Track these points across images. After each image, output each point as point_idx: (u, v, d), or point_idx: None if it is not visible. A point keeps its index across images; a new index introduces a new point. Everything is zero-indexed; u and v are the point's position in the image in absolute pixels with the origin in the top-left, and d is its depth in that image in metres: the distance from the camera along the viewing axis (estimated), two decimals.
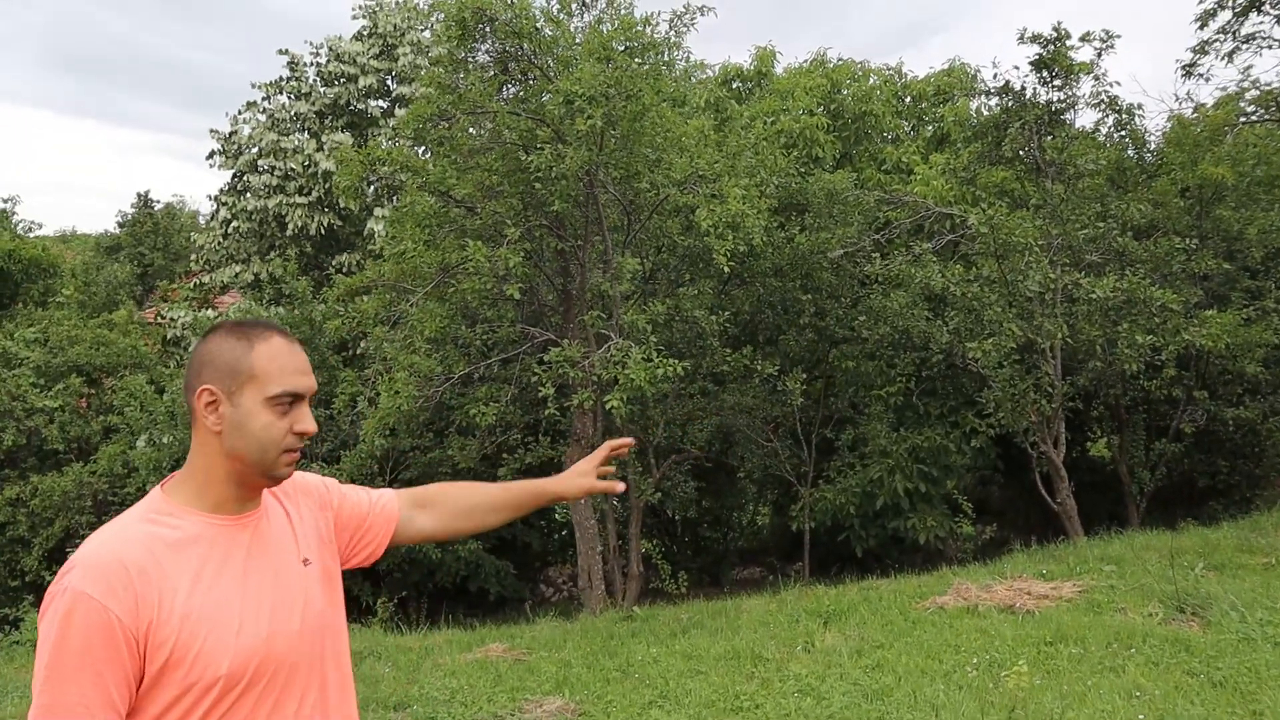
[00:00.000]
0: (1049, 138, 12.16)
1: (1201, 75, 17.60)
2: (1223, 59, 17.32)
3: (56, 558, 15.01)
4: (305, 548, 1.94)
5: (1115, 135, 13.91)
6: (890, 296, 12.83)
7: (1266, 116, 17.09)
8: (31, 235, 31.23)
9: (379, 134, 18.79)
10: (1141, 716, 5.27)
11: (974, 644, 7.06)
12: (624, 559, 12.43)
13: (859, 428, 13.83)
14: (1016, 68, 13.53)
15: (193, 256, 22.12)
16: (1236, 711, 5.26)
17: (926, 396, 13.91)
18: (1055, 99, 12.29)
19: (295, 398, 1.80)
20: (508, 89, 11.17)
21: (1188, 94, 27.10)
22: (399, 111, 16.53)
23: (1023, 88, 12.37)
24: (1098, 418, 15.35)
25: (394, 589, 13.84)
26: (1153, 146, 15.11)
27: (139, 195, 41.40)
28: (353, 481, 12.64)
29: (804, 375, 13.17)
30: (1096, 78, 12.31)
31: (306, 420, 1.82)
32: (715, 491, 16.02)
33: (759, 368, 12.38)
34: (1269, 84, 17.18)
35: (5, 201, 29.87)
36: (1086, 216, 12.11)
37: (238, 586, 1.76)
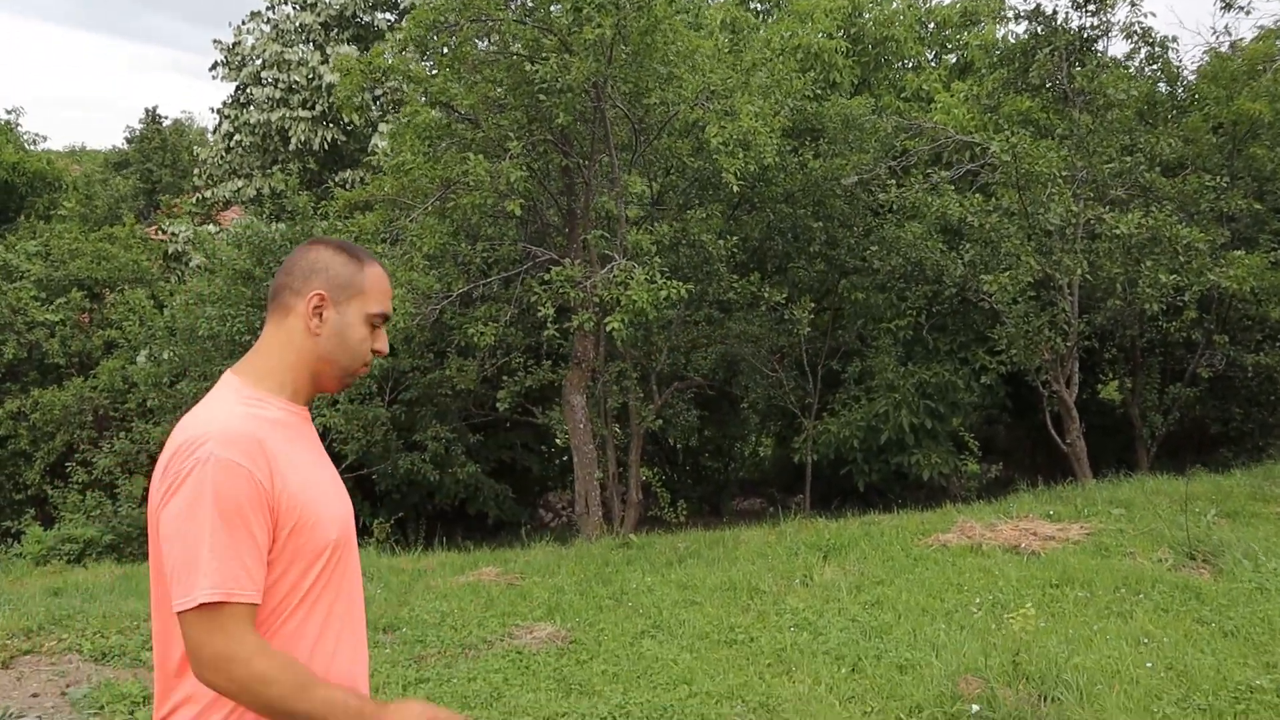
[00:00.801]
0: (1079, 66, 11.67)
1: (1241, 8, 16.91)
2: None
3: (58, 472, 14.95)
4: None
5: (1147, 68, 13.40)
6: (904, 227, 12.48)
7: None
8: (37, 148, 30.83)
9: (384, 47, 18.27)
10: (1149, 664, 5.08)
11: (977, 583, 6.87)
12: (623, 486, 12.27)
13: (866, 360, 13.57)
14: None
15: (195, 171, 21.72)
16: (1249, 662, 5.07)
17: (936, 331, 13.62)
18: (1088, 25, 11.77)
19: (385, 319, 2.01)
20: (514, 0, 10.72)
21: (1225, 28, 26.23)
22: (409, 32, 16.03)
23: (1054, 11, 11.84)
24: (1110, 359, 15.05)
25: (392, 509, 13.74)
26: (1186, 82, 14.56)
27: (147, 111, 40.73)
28: (350, 401, 12.48)
29: (812, 305, 12.86)
30: (1133, 4, 11.79)
31: (384, 341, 2.02)
32: (717, 421, 15.83)
33: (766, 295, 12.07)
34: None
35: (9, 113, 29.42)
36: (1114, 149, 11.68)
37: (319, 466, 1.93)
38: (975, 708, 4.54)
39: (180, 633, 1.70)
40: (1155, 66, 13.34)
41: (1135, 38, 12.28)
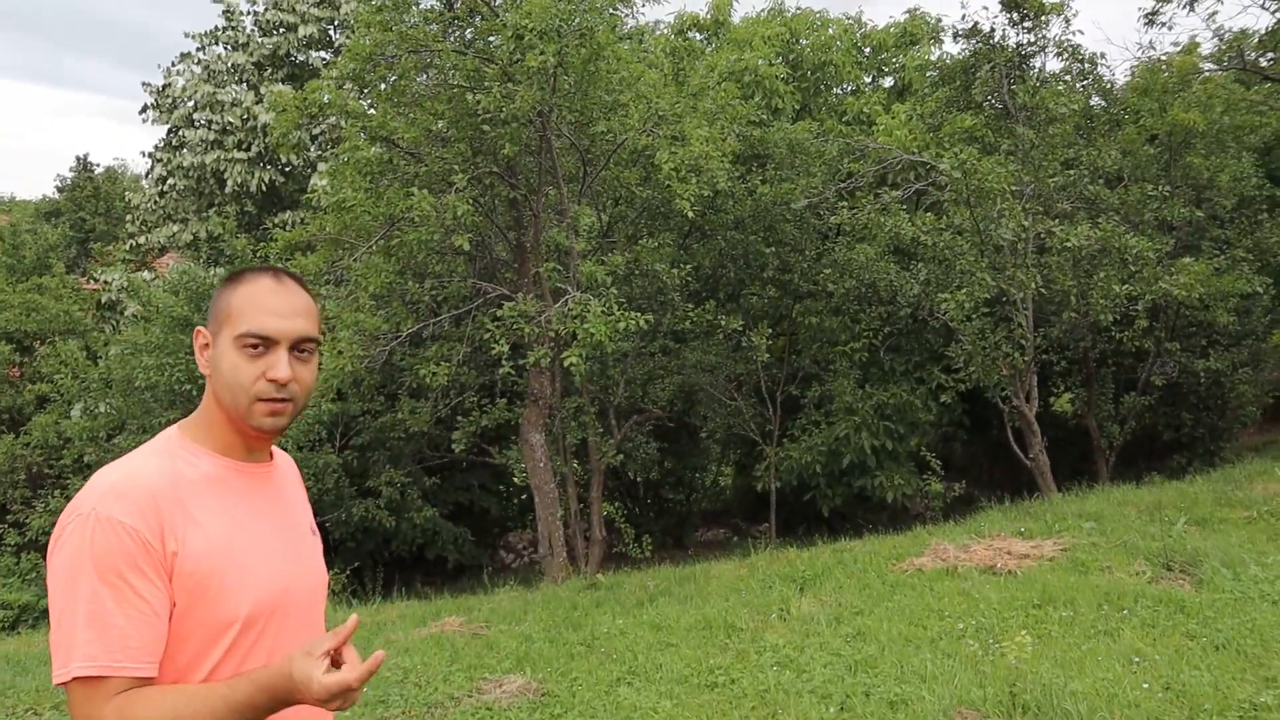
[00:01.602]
0: (1019, 82, 11.74)
1: (1164, 24, 17.24)
2: (1184, 6, 16.96)
3: None
4: (311, 520, 1.93)
5: (1079, 84, 13.55)
6: (855, 249, 12.45)
7: (1229, 65, 16.82)
8: None
9: (321, 83, 17.97)
10: (1146, 685, 4.92)
11: (958, 608, 6.69)
12: (585, 523, 11.98)
13: (824, 385, 13.48)
14: (985, 8, 13.05)
15: (129, 217, 21.14)
16: (1247, 677, 4.93)
17: (892, 352, 13.59)
18: (1025, 41, 11.87)
19: (264, 340, 1.68)
20: (453, 33, 10.51)
21: (1150, 43, 26.81)
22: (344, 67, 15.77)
23: (992, 29, 11.94)
24: (1062, 371, 15.12)
25: (348, 559, 13.30)
26: (1118, 95, 14.78)
27: (78, 159, 39.90)
28: (299, 449, 12.07)
29: (769, 331, 12.76)
30: (1067, 20, 11.91)
31: (279, 366, 1.68)
32: (677, 452, 15.62)
33: (723, 323, 11.92)
34: (1231, 30, 16.86)
35: None
36: (1057, 163, 11.75)
37: (253, 532, 1.71)
38: None
39: None
40: (1086, 82, 13.50)
41: (1066, 55, 12.42)
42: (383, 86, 10.79)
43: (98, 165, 40.15)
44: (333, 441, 13.07)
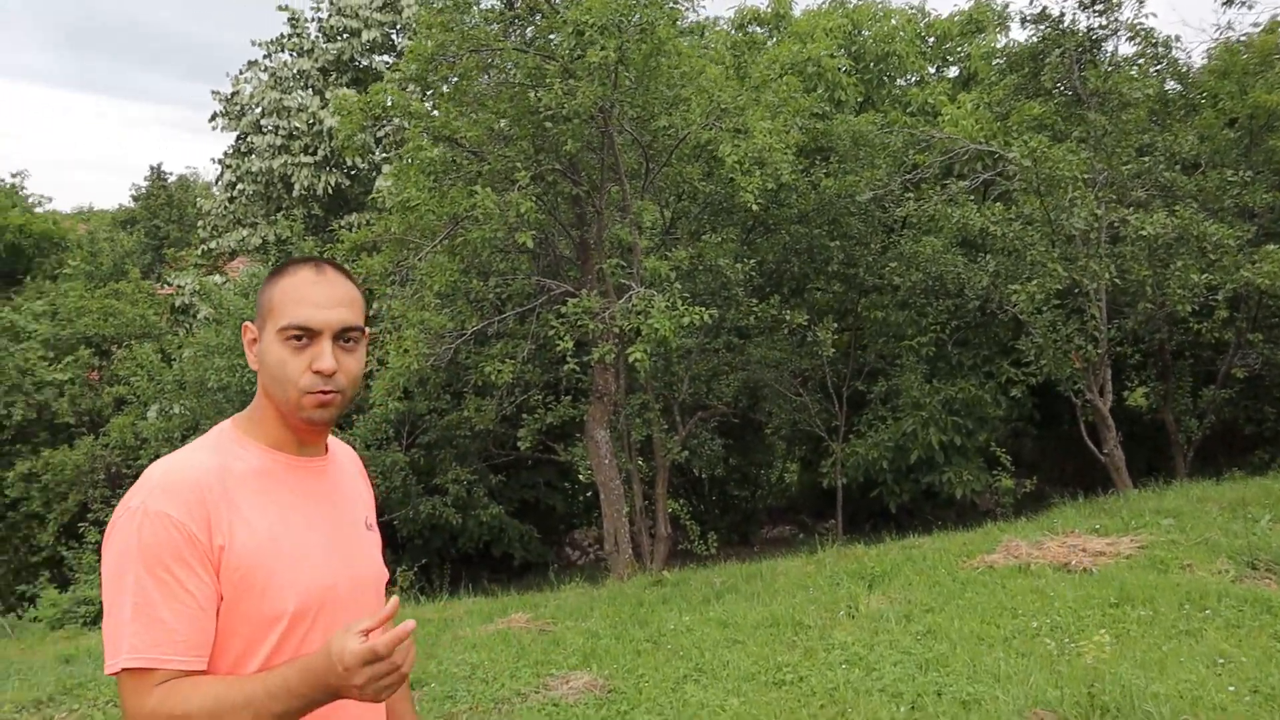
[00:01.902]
0: (1090, 67, 11.44)
1: (1244, 3, 16.68)
2: None
3: (72, 532, 14.71)
4: (370, 514, 1.91)
5: (1152, 68, 13.16)
6: (922, 242, 12.25)
7: None
8: (41, 209, 30.93)
9: (384, 86, 18.20)
10: (1232, 688, 4.74)
11: (1032, 606, 6.54)
12: (651, 520, 11.96)
13: (890, 380, 13.29)
14: None
15: (200, 223, 21.63)
16: None
17: (960, 347, 13.35)
18: (1096, 25, 11.57)
19: (307, 332, 1.67)
20: (513, 31, 10.56)
21: (1228, 23, 25.97)
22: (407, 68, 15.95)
23: (1061, 14, 11.66)
24: (1137, 365, 14.73)
25: (415, 556, 13.45)
26: (1193, 79, 14.32)
27: (151, 168, 41.02)
28: (366, 447, 12.22)
29: (834, 326, 12.61)
30: (1140, 1, 11.59)
31: (323, 357, 1.67)
32: (742, 448, 15.52)
33: (787, 318, 11.80)
34: None
35: (14, 176, 29.52)
36: (1131, 150, 11.43)
37: (304, 526, 1.70)
38: None
39: None
40: (1161, 65, 13.11)
41: (1139, 39, 12.07)
42: (445, 88, 10.88)
43: (171, 174, 41.21)
44: (400, 440, 13.21)
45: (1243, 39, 14.70)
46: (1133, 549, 7.73)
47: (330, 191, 18.88)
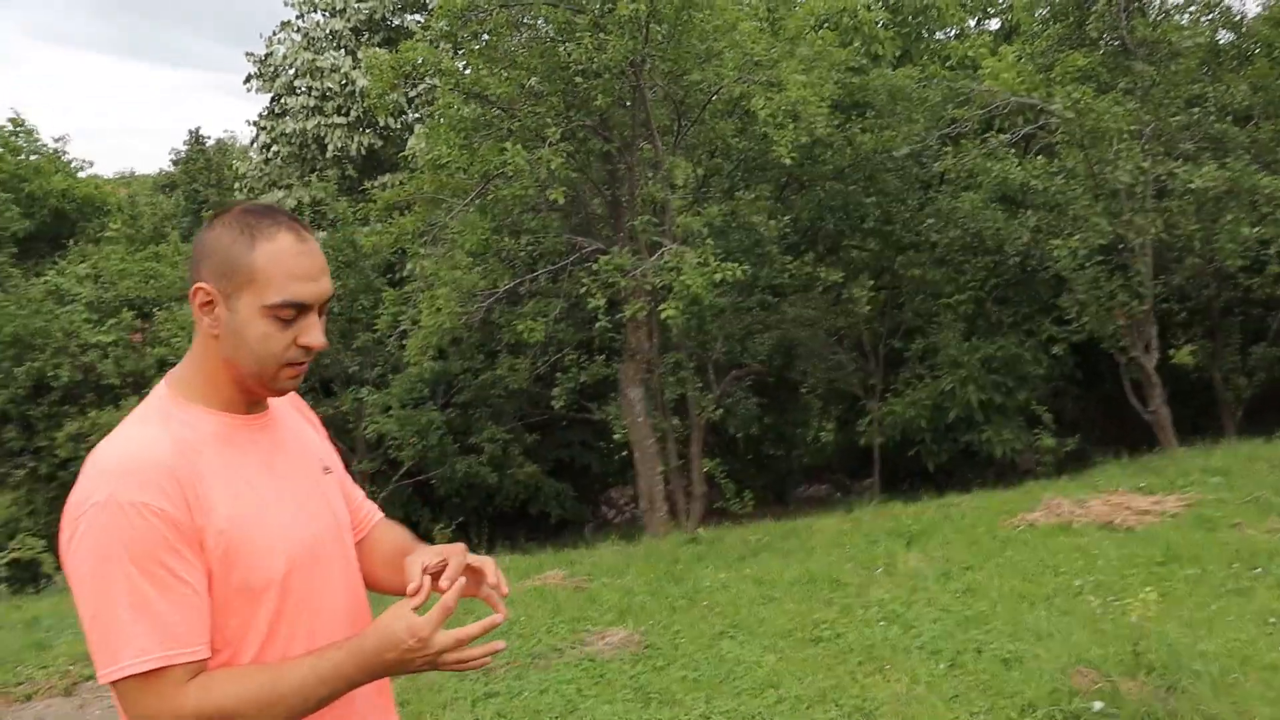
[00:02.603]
0: (1138, 15, 11.10)
1: None
2: None
3: None
4: (326, 457, 1.77)
5: (1204, 17, 12.76)
6: (960, 197, 12.03)
7: None
8: (84, 174, 31.21)
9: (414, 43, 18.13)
10: None
11: (1074, 565, 6.44)
12: (686, 479, 11.93)
13: (928, 338, 13.11)
14: None
15: (237, 185, 21.74)
16: None
17: (999, 304, 13.13)
18: None
19: (300, 308, 1.54)
20: None
21: None
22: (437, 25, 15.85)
23: None
24: (1183, 323, 14.44)
25: (453, 514, 13.54)
26: (1246, 28, 13.87)
27: (190, 132, 41.21)
28: (403, 407, 12.27)
29: (870, 284, 12.44)
30: None
31: (313, 333, 1.56)
32: (778, 407, 15.42)
33: (822, 276, 11.65)
34: None
35: (56, 141, 29.77)
36: (1180, 101, 11.10)
37: (271, 486, 1.58)
38: (1098, 705, 4.13)
39: None
40: (1213, 14, 12.71)
41: None
42: (475, 45, 10.77)
43: (209, 138, 41.43)
44: (436, 399, 13.26)
45: None
46: (1179, 507, 7.60)
47: (363, 152, 18.89)
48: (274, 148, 19.42)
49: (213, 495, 1.48)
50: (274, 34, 19.96)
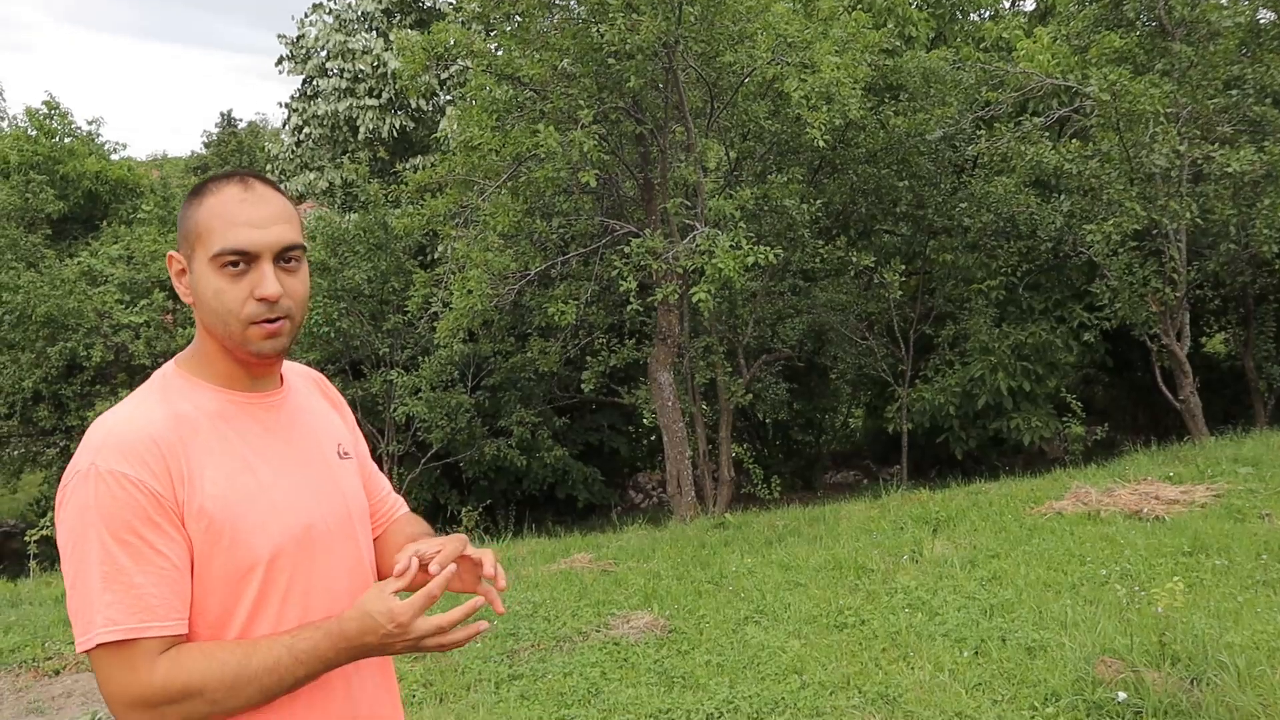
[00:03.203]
0: None
1: None
2: None
3: None
4: (345, 441, 1.75)
5: None
6: (993, 182, 11.91)
7: None
8: (117, 156, 31.49)
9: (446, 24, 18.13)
10: None
11: (1101, 554, 6.41)
12: (714, 464, 11.96)
13: (959, 324, 13.02)
14: None
15: (269, 167, 21.88)
16: None
17: (1030, 290, 13.02)
18: None
19: (244, 255, 1.50)
20: None
21: None
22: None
23: None
24: (1216, 310, 14.26)
25: (480, 497, 13.63)
26: None
27: (222, 115, 41.64)
28: (432, 389, 12.35)
29: (901, 268, 12.37)
30: None
31: (265, 283, 1.50)
32: (807, 393, 15.42)
33: (854, 260, 11.60)
34: None
35: (90, 124, 30.02)
36: (1218, 83, 10.92)
37: (268, 468, 1.56)
38: (1122, 695, 4.13)
39: None
40: None
41: None
42: (508, 26, 10.77)
43: (241, 120, 41.80)
44: (465, 382, 13.34)
45: None
46: (1208, 497, 7.54)
47: (395, 134, 18.94)
48: (305, 130, 19.51)
49: (203, 472, 1.47)
50: (306, 16, 20.02)
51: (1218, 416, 12.97)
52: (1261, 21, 12.89)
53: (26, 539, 11.92)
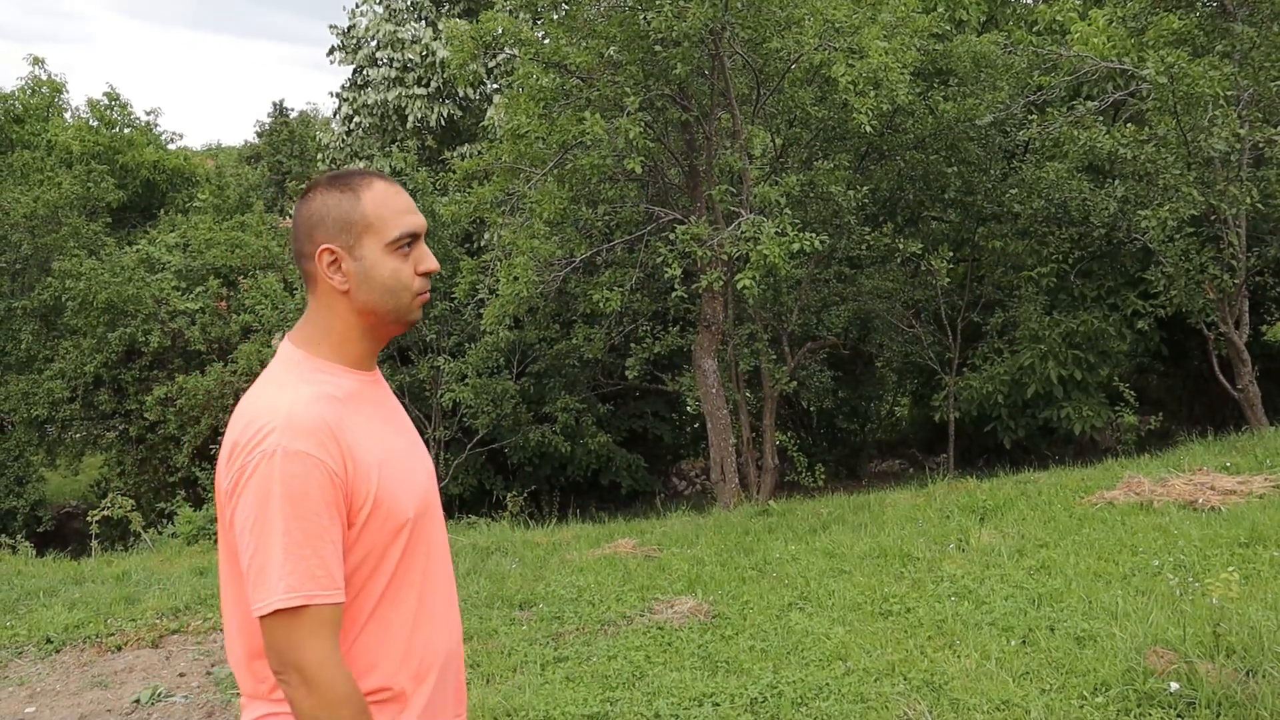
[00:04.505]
0: None
1: None
2: None
3: (205, 454, 15.45)
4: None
5: None
6: (1045, 167, 11.72)
7: None
8: (173, 146, 32.04)
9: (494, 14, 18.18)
10: None
11: (1153, 545, 6.30)
12: (758, 451, 11.92)
13: (1008, 311, 12.85)
14: None
15: (319, 156, 22.12)
16: None
17: (1083, 277, 12.80)
18: None
19: (413, 238, 1.75)
20: None
21: None
22: None
23: None
24: (1275, 298, 13.91)
25: (525, 482, 13.71)
26: None
27: (274, 104, 42.13)
28: (478, 375, 12.44)
29: (949, 255, 12.22)
30: None
31: (428, 258, 1.78)
32: (852, 381, 15.31)
33: (901, 247, 11.48)
34: None
35: (148, 115, 30.58)
36: None
37: (395, 434, 1.79)
38: (1174, 685, 4.06)
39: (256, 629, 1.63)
40: None
41: None
42: (555, 15, 10.79)
43: (293, 110, 42.24)
44: (510, 368, 13.42)
45: None
46: (1266, 488, 7.38)
47: (443, 122, 19.06)
48: (355, 119, 19.70)
49: (359, 447, 1.65)
50: (357, 6, 20.19)
51: (1278, 406, 12.67)
52: None
53: (89, 519, 12.21)
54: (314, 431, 1.60)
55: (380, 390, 1.83)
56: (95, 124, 25.29)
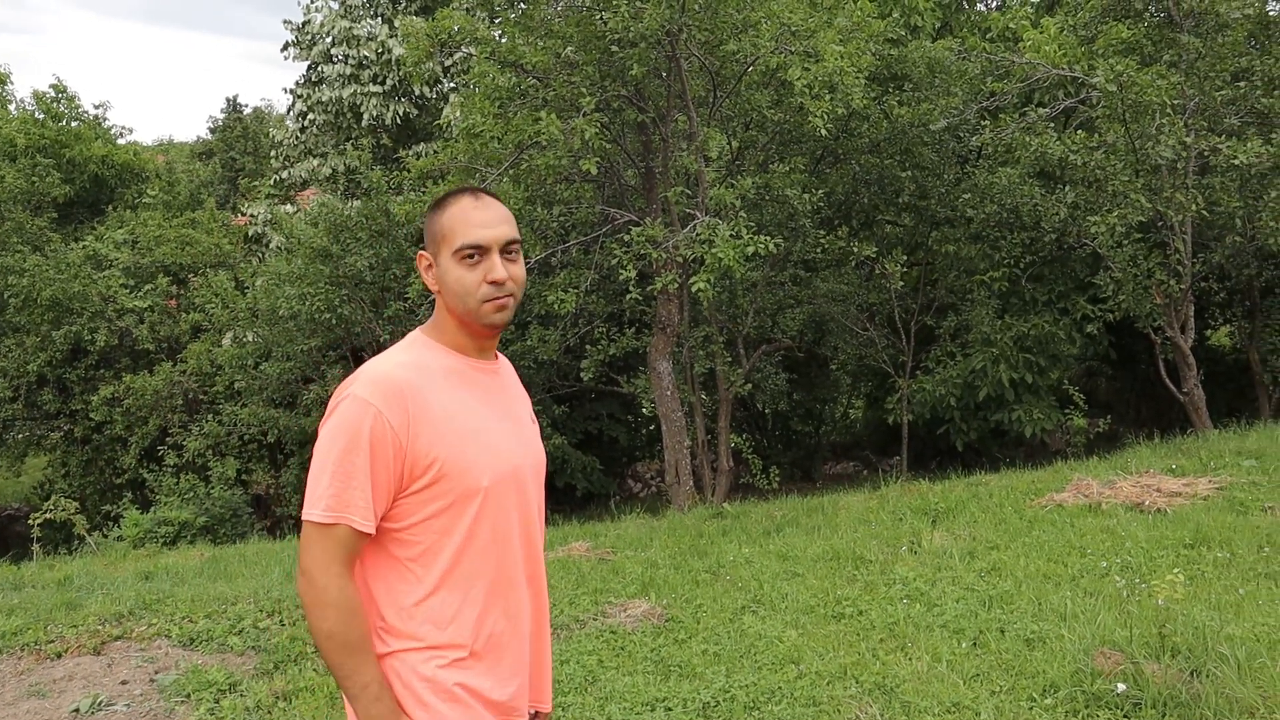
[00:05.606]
0: None
1: None
2: None
3: (152, 455, 15.15)
4: (530, 412, 2.22)
5: None
6: (998, 172, 11.85)
7: None
8: (123, 140, 31.45)
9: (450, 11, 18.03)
10: None
11: (1101, 546, 6.38)
12: (713, 453, 11.93)
13: (961, 315, 12.97)
14: None
15: (273, 153, 21.82)
16: None
17: (1034, 281, 12.96)
18: None
19: (478, 249, 1.95)
20: None
21: None
22: None
23: None
24: (1221, 303, 14.19)
25: None
26: None
27: (228, 100, 41.57)
28: None
29: (903, 259, 12.31)
30: None
31: (495, 269, 1.95)
32: (807, 383, 15.38)
33: (855, 251, 11.55)
34: None
35: (96, 108, 29.99)
36: (1226, 75, 10.86)
37: (490, 416, 2.01)
38: (1121, 686, 4.10)
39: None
40: None
41: None
42: (511, 13, 10.72)
43: (246, 106, 41.67)
44: None
45: None
46: (1210, 490, 7.50)
47: (399, 121, 18.89)
48: (310, 116, 19.45)
49: (432, 412, 1.89)
50: (311, 2, 19.95)
51: (1222, 410, 12.92)
52: (1271, 13, 12.83)
53: (31, 521, 11.90)
54: (384, 387, 1.86)
55: (491, 377, 2.07)
56: (41, 117, 24.71)
